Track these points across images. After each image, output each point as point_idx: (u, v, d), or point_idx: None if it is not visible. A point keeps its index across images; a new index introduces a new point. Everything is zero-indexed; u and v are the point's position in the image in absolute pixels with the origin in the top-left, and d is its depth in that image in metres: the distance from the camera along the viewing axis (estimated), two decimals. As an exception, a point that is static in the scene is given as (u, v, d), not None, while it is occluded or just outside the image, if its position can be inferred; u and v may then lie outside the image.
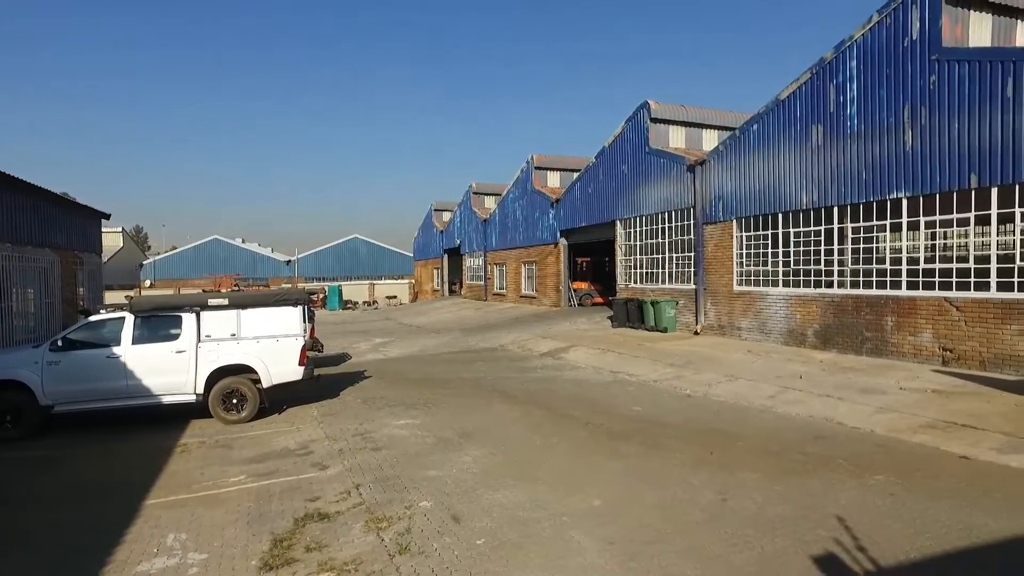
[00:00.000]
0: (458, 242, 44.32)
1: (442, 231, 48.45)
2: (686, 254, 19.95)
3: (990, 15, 13.21)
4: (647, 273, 22.28)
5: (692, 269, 19.55)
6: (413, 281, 56.17)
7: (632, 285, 23.09)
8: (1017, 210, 11.24)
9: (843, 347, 14.31)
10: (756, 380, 11.74)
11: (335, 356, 18.60)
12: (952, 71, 12.15)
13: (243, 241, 76.60)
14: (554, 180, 33.75)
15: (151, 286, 59.79)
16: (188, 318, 10.55)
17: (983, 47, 12.64)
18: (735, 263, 17.71)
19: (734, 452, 7.72)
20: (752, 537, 5.26)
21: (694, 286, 19.35)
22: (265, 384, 10.62)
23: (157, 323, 10.55)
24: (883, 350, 13.39)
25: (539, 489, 6.59)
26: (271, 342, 10.81)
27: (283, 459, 8.16)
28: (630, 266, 23.36)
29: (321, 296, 46.50)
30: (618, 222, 23.90)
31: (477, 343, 21.01)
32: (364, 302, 49.68)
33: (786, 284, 16.05)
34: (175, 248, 75.30)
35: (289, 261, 72.58)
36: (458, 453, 8.03)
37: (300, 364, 10.90)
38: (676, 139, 23.18)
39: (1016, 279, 11.25)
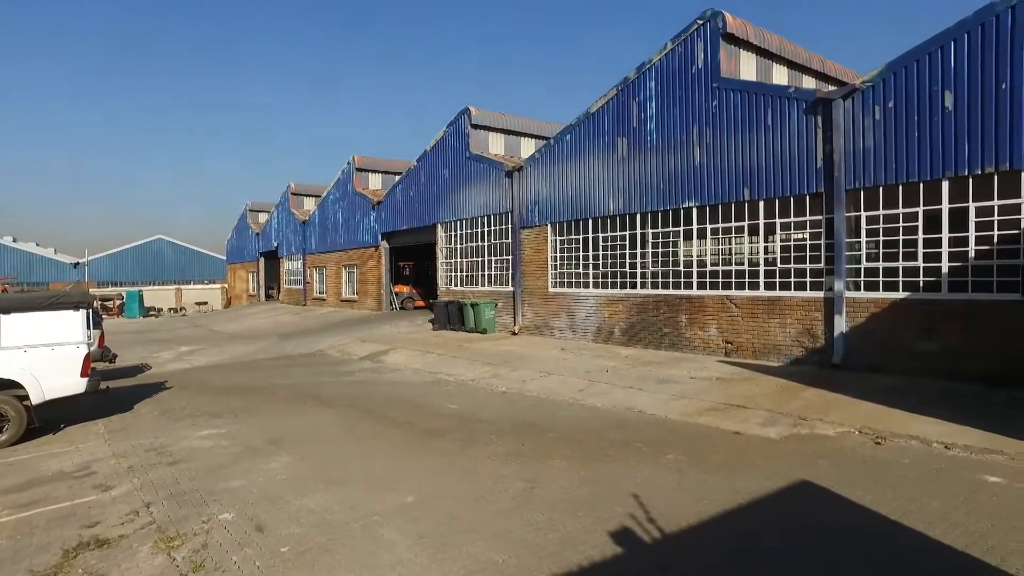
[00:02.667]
0: (275, 244, 42.01)
1: (258, 233, 45.61)
2: (505, 257, 20.63)
3: (755, 55, 15.21)
4: (468, 276, 22.71)
5: (510, 272, 20.26)
6: (226, 286, 52.22)
7: (453, 288, 23.40)
8: (778, 220, 13.05)
9: (645, 343, 15.63)
10: (567, 376, 12.44)
11: (131, 367, 16.77)
12: (729, 98, 13.81)
13: (14, 240, 66.30)
14: (376, 182, 33.23)
15: None
16: None
17: (751, 80, 14.51)
18: (550, 266, 18.63)
19: (544, 443, 8.11)
20: (557, 520, 5.55)
21: (512, 288, 20.06)
22: (36, 400, 9.23)
23: None
24: (678, 344, 14.84)
25: (351, 491, 6.43)
26: (44, 351, 9.43)
27: (55, 484, 7.15)
28: (451, 269, 23.65)
29: (118, 302, 41.65)
30: (439, 225, 24.11)
31: (294, 349, 20.06)
32: (170, 309, 45.27)
33: (596, 285, 17.19)
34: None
35: (77, 263, 64.00)
36: (266, 461, 7.60)
37: (83, 375, 9.65)
38: (496, 145, 23.90)
39: (778, 279, 13.04)
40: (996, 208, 10.28)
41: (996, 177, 10.26)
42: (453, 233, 23.47)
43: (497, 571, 4.62)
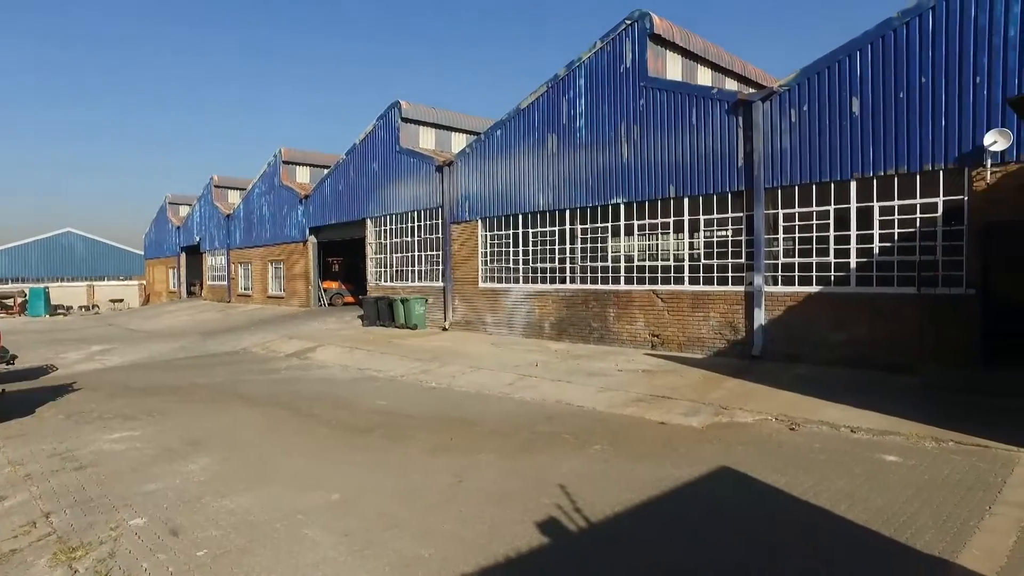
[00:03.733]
0: (198, 239, 40.33)
1: (179, 227, 43.65)
2: (435, 252, 20.51)
3: (680, 56, 15.65)
4: (398, 271, 22.46)
5: (441, 267, 20.16)
6: (144, 282, 49.72)
7: (383, 284, 23.09)
8: (702, 217, 13.49)
9: (575, 337, 15.86)
10: (497, 370, 12.49)
11: (33, 369, 15.73)
12: (656, 97, 14.16)
13: None
14: (304, 176, 32.38)
15: None
16: None
17: (677, 80, 14.92)
18: (481, 261, 18.64)
19: (473, 437, 8.12)
20: (484, 512, 5.56)
21: (443, 283, 19.97)
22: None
23: None
24: (607, 338, 15.13)
25: (274, 490, 6.26)
26: None
27: (-58, 494, 6.63)
28: (381, 264, 23.33)
29: (20, 300, 39.01)
30: (369, 220, 23.73)
31: (217, 347, 19.32)
32: (81, 307, 42.69)
33: (526, 280, 17.32)
34: None
35: (-29, 259, 59.60)
36: (184, 463, 7.29)
37: (-27, 377, 8.99)
38: (426, 140, 23.71)
39: (702, 274, 13.49)
40: (896, 208, 10.95)
41: (896, 179, 10.93)
42: (383, 228, 23.14)
43: (423, 566, 4.59)
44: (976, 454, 6.60)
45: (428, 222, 20.84)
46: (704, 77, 16.42)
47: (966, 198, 10.25)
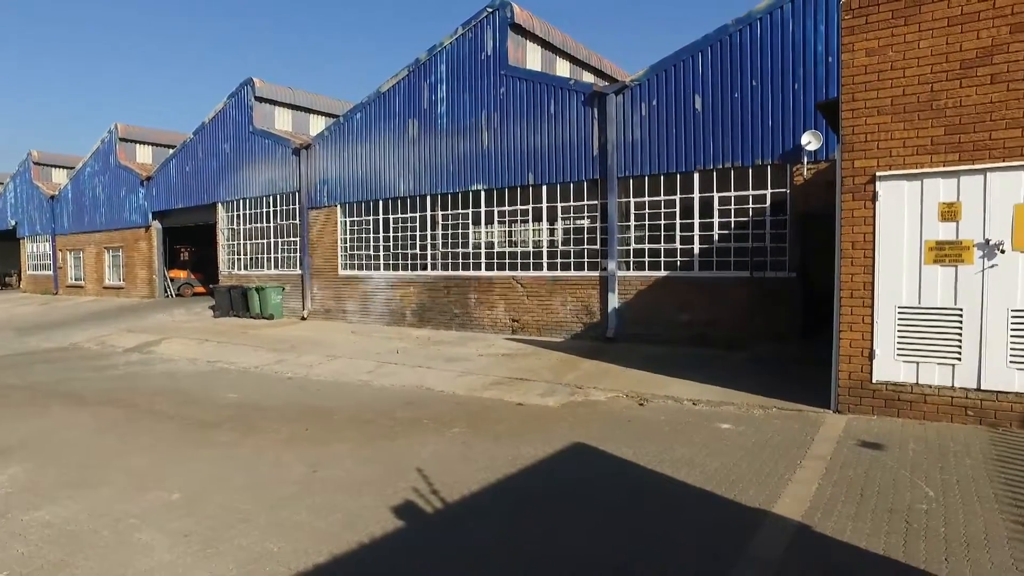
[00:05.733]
0: (13, 223, 35.72)
1: (-13, 209, 38.48)
2: (292, 239, 19.62)
3: (540, 47, 16.02)
4: (253, 259, 21.25)
5: (299, 254, 19.33)
6: (-58, 273, 43.38)
7: (237, 272, 21.76)
8: (560, 204, 13.93)
9: (437, 324, 15.83)
10: (357, 358, 12.20)
11: None
12: (516, 86, 14.38)
13: None
14: (145, 155, 29.66)
15: None
16: None
17: (537, 71, 15.25)
18: (340, 248, 18.08)
19: (330, 426, 7.87)
20: (339, 501, 5.40)
21: (300, 271, 19.17)
22: None
23: None
24: (469, 324, 15.24)
25: (103, 495, 5.69)
26: None
27: None
28: (234, 252, 21.96)
29: None
30: (220, 205, 22.22)
31: (39, 343, 17.27)
32: None
33: (387, 267, 17.03)
34: None
35: None
36: (-10, 472, 6.45)
37: None
38: (283, 121, 22.57)
39: (560, 260, 13.95)
40: (733, 199, 11.91)
41: (733, 172, 11.89)
42: (236, 213, 21.76)
43: (272, 560, 4.37)
44: (793, 417, 7.36)
45: (285, 207, 19.86)
46: (563, 69, 16.91)
47: (788, 191, 11.35)
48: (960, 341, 6.66)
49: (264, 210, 20.62)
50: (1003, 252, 6.40)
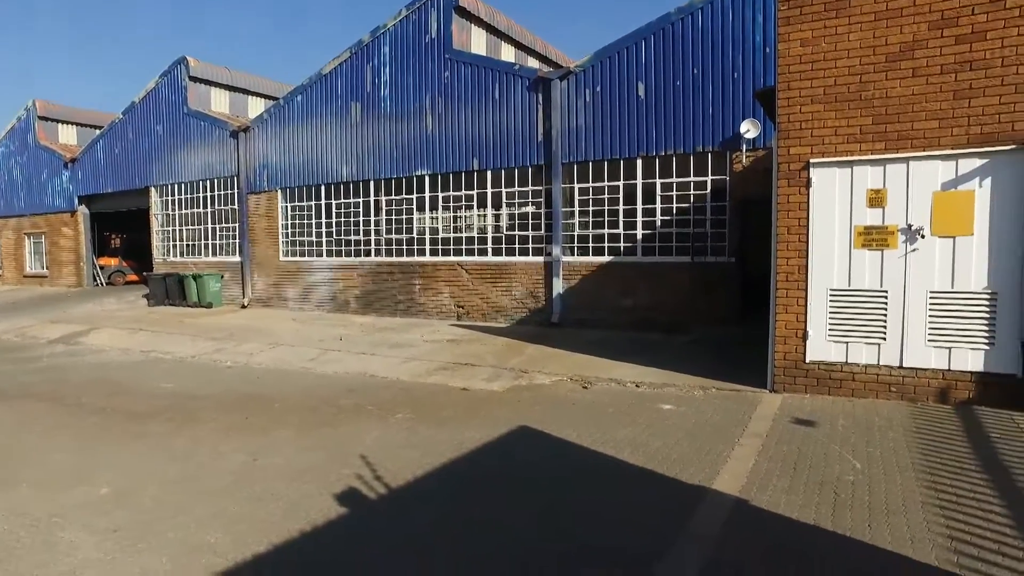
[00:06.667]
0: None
1: None
2: (232, 225, 19.02)
3: (485, 31, 15.91)
4: (190, 245, 20.51)
5: (238, 240, 18.76)
6: None
7: (173, 259, 20.98)
8: (504, 190, 13.92)
9: (381, 310, 15.65)
10: (299, 346, 11.96)
11: None
12: (460, 70, 14.25)
13: None
14: (69, 135, 28.15)
15: None
16: None
17: (482, 55, 15.14)
18: (281, 234, 17.65)
19: (270, 414, 7.70)
20: (280, 490, 5.29)
21: (240, 258, 18.62)
22: None
23: None
24: (414, 310, 15.12)
25: (21, 494, 5.40)
26: None
27: None
28: (170, 238, 21.15)
29: None
30: (153, 189, 21.33)
31: (-48, 335, 16.28)
32: None
33: (330, 254, 16.71)
34: None
35: None
36: (-100, 469, 6.05)
37: None
38: (220, 103, 21.79)
39: (505, 246, 13.96)
40: (675, 185, 12.14)
41: (675, 159, 12.10)
42: (171, 198, 20.93)
43: (209, 551, 4.25)
44: (732, 397, 7.59)
45: (223, 192, 19.20)
46: (508, 54, 16.85)
47: (728, 178, 11.64)
48: (885, 322, 6.99)
49: (201, 195, 19.89)
50: (923, 237, 6.74)
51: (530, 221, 13.74)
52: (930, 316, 6.78)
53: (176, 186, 20.65)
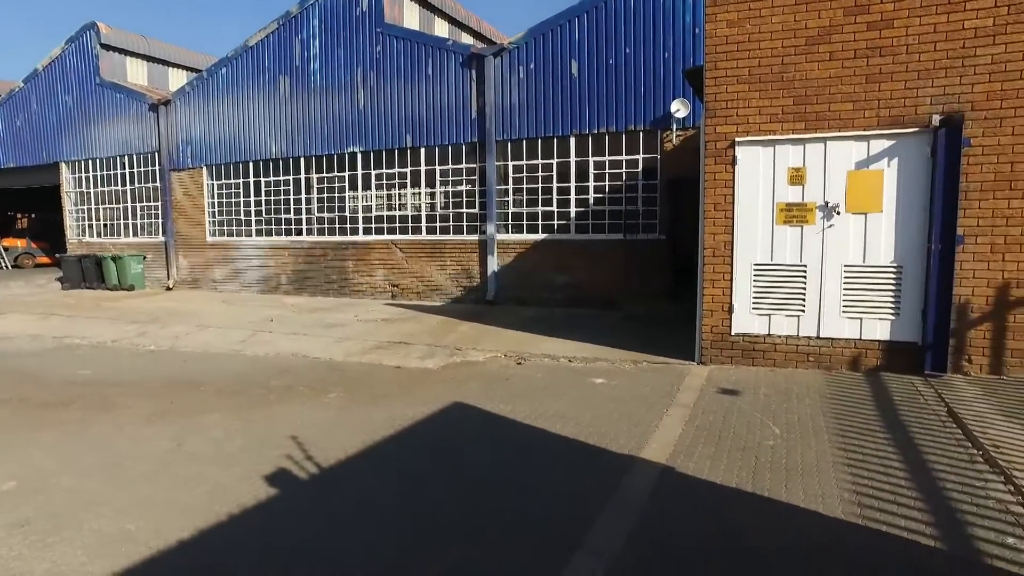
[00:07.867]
0: None
1: None
2: (154, 203, 18.16)
3: (418, 6, 15.62)
4: (108, 225, 19.48)
5: (161, 220, 17.94)
6: None
7: (89, 239, 19.88)
8: (438, 167, 13.79)
9: (314, 290, 15.33)
10: (228, 328, 11.59)
11: None
12: (393, 45, 13.95)
13: None
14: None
15: None
16: None
17: (414, 30, 14.85)
18: (207, 212, 16.98)
19: (197, 398, 7.46)
20: (207, 474, 5.15)
21: (164, 238, 17.83)
22: None
23: None
24: (346, 290, 14.88)
25: (-77, 486, 5.08)
26: None
27: None
28: (85, 217, 20.02)
29: None
30: (64, 165, 20.09)
31: None
32: None
33: (260, 233, 16.21)
34: None
35: None
36: None
37: None
38: (136, 74, 20.64)
39: (439, 224, 13.86)
40: (607, 163, 12.29)
41: (607, 137, 12.24)
42: (84, 175, 19.76)
43: (130, 540, 4.10)
44: (661, 370, 7.83)
45: (143, 169, 18.28)
46: (441, 29, 16.60)
47: (659, 157, 11.87)
48: (804, 294, 7.33)
49: (119, 171, 18.87)
50: (839, 214, 7.07)
51: (464, 199, 13.66)
52: (844, 289, 7.15)
53: (90, 162, 19.50)
